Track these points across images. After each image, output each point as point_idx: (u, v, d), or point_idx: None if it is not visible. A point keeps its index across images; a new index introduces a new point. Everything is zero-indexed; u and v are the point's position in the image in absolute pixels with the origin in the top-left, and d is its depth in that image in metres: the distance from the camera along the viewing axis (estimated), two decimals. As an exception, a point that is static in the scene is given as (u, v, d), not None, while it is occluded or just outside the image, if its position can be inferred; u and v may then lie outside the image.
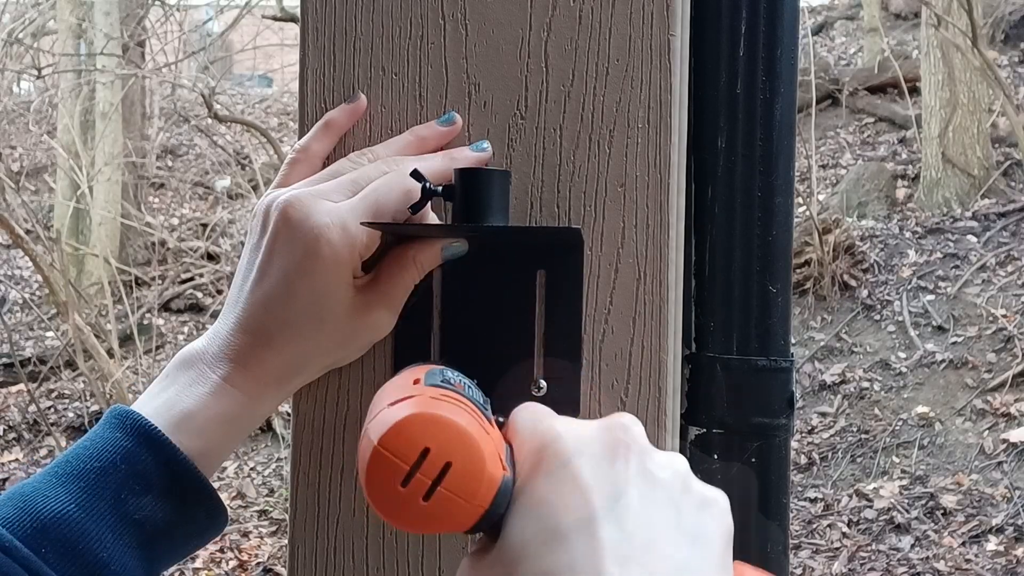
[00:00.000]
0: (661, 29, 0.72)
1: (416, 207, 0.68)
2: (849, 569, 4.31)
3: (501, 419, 0.56)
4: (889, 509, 4.69)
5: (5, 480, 5.51)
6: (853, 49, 10.45)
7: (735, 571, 0.53)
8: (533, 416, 0.54)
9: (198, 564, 4.53)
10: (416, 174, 0.67)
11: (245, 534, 4.85)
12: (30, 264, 6.52)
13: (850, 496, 4.87)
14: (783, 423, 0.78)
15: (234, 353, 0.68)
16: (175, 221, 9.01)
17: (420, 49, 0.75)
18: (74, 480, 0.62)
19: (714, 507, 0.50)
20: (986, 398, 5.32)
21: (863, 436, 5.27)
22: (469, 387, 0.55)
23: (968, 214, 6.89)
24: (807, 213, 6.35)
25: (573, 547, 0.46)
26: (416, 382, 0.53)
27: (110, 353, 5.81)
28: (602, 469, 0.49)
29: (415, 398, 0.50)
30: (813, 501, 4.87)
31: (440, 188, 0.68)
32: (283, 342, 0.68)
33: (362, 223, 0.67)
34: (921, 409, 5.35)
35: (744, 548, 0.79)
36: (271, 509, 5.12)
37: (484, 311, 0.72)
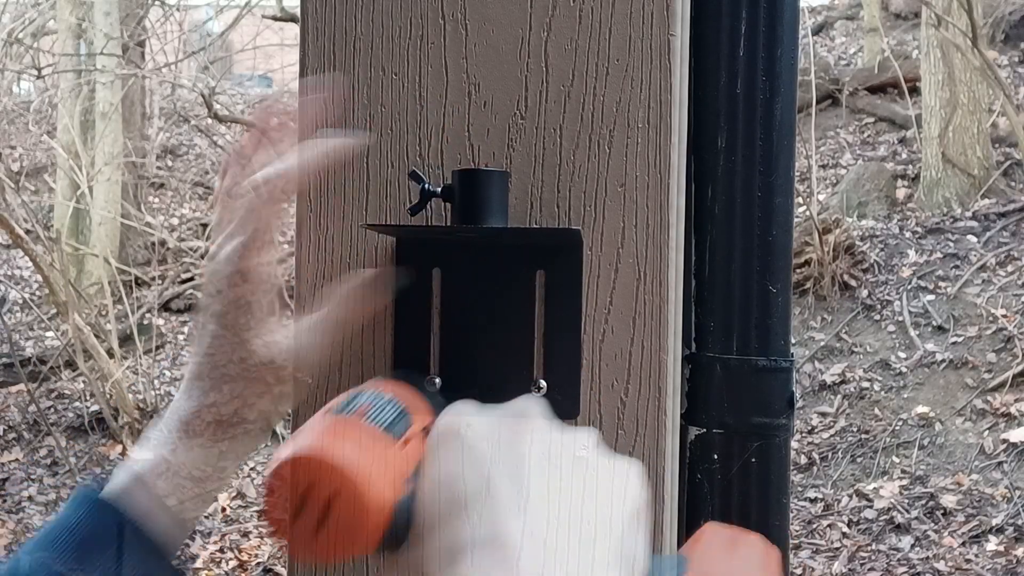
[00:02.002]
0: (661, 29, 0.72)
1: (415, 209, 0.68)
2: (849, 569, 4.31)
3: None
4: (889, 509, 4.69)
5: (5, 480, 5.51)
6: (853, 49, 10.46)
7: (705, 532, 0.53)
8: (443, 412, 0.55)
9: (198, 564, 4.53)
10: (414, 175, 0.67)
11: (245, 534, 4.85)
12: (30, 264, 6.52)
13: (850, 496, 4.87)
14: (783, 423, 0.78)
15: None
16: (175, 221, 9.01)
17: (420, 49, 0.75)
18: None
19: (622, 477, 0.51)
20: (986, 398, 5.32)
21: (863, 436, 5.27)
22: (378, 407, 0.56)
23: (968, 214, 6.89)
24: (807, 213, 6.35)
25: (472, 513, 0.47)
26: (328, 411, 0.56)
27: (110, 353, 5.82)
28: (502, 447, 0.50)
29: (303, 434, 0.53)
30: (813, 501, 4.87)
31: (439, 189, 0.68)
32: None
33: (362, 225, 0.67)
34: (921, 409, 5.35)
35: (744, 548, 0.79)
36: (271, 509, 5.11)
37: (484, 311, 0.72)
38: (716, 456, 0.78)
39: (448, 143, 0.74)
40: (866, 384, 5.61)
